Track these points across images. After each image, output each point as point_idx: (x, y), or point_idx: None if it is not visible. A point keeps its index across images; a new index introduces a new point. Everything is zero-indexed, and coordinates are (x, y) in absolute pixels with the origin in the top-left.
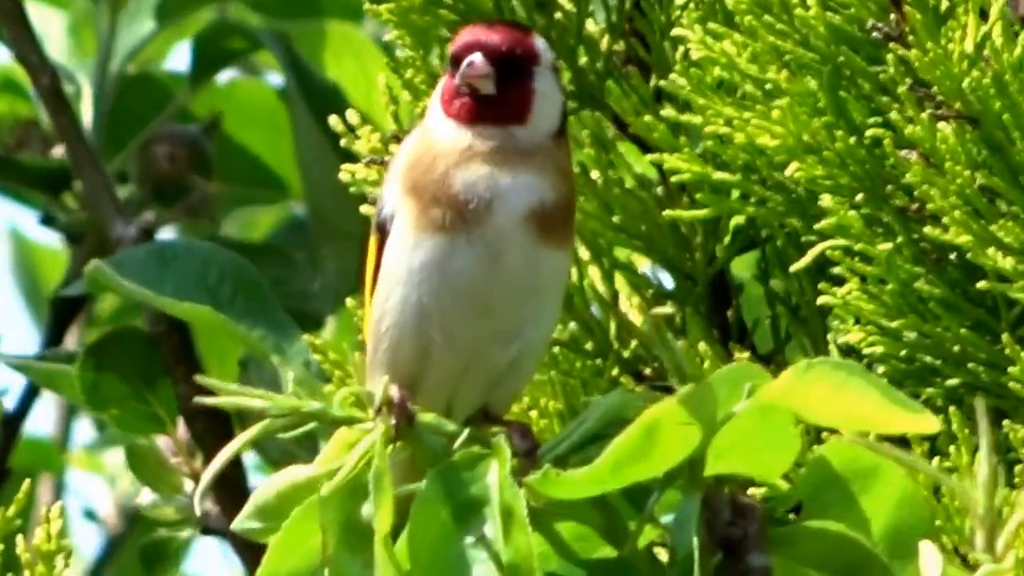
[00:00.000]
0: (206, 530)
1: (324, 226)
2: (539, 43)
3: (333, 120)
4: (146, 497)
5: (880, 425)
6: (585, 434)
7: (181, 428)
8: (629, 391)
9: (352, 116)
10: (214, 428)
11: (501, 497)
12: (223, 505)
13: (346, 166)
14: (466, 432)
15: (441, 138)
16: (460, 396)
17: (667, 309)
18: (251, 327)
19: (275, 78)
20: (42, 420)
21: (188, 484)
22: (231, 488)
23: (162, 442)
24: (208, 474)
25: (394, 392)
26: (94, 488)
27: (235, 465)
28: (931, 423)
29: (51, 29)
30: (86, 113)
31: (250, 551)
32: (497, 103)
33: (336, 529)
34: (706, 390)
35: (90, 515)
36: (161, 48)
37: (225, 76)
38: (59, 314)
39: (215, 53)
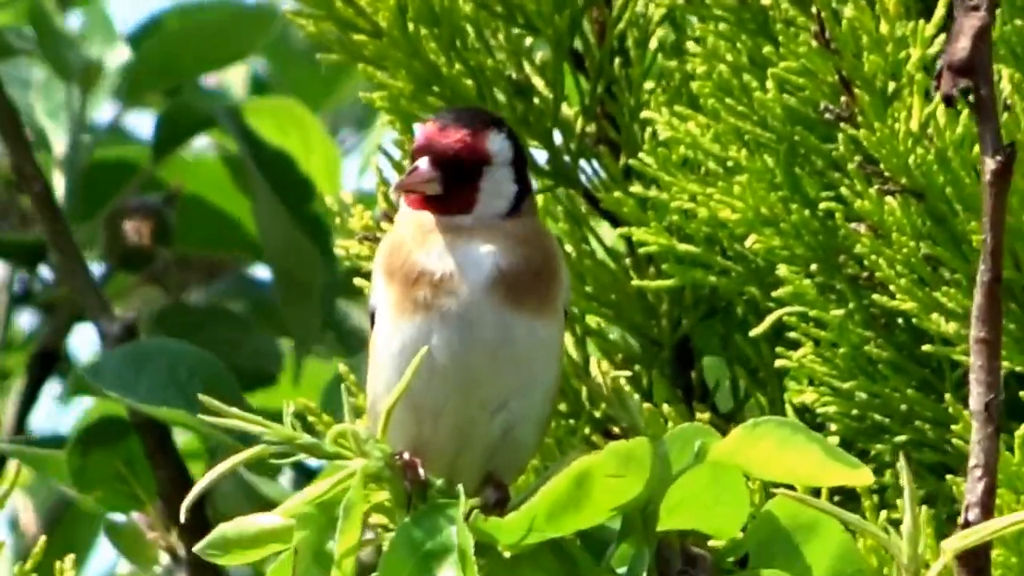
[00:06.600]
0: None
1: (287, 283)
2: (493, 143)
3: (329, 200)
4: (125, 567)
5: (822, 479)
6: None
7: (160, 507)
8: (593, 450)
9: (346, 196)
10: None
11: (459, 541)
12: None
13: (340, 242)
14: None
15: (404, 225)
16: (460, 467)
17: (625, 372)
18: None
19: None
20: None
21: (164, 557)
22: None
23: (139, 518)
24: (199, 487)
25: (407, 456)
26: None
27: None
28: (866, 476)
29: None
30: (59, 187)
31: None
32: (443, 199)
33: (307, 554)
34: (643, 446)
35: (13, 525)
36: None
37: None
38: (37, 369)
39: (176, 129)
